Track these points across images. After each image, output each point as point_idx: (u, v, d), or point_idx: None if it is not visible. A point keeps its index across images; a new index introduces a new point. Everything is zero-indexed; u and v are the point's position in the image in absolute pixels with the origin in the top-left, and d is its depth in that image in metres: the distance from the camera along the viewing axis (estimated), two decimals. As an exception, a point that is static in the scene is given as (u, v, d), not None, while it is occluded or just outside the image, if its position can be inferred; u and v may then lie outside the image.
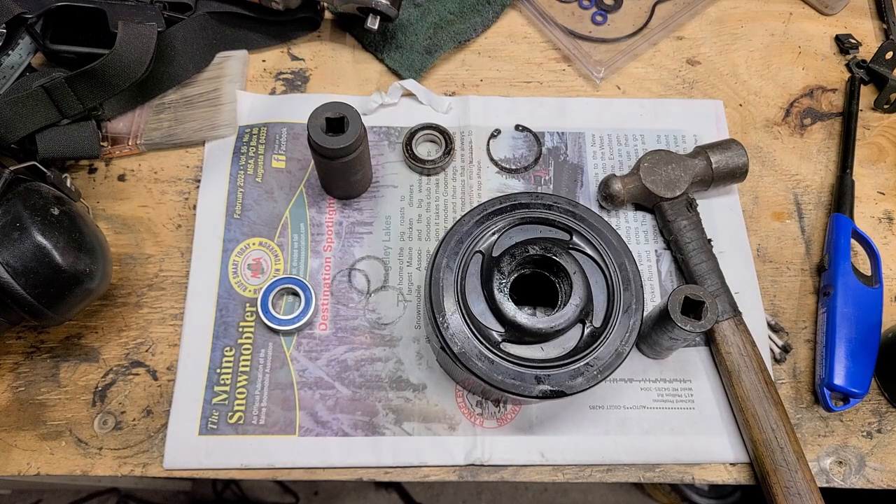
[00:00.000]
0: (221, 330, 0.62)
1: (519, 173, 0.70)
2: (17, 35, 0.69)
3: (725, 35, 0.80)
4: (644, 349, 0.63)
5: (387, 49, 0.75)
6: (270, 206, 0.67)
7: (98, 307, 0.63)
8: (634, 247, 0.67)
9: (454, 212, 0.68)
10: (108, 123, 0.70)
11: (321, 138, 0.58)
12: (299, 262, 0.65)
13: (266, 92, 0.74)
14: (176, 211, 0.68)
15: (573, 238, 0.57)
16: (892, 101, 0.76)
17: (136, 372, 0.61)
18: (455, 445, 0.59)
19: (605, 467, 0.59)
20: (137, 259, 0.65)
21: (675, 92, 0.76)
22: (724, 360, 0.60)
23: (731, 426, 0.61)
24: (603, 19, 0.79)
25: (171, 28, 0.69)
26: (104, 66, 0.61)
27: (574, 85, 0.76)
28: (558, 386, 0.52)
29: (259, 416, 0.59)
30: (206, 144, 0.70)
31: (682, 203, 0.66)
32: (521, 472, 0.59)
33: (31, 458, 0.58)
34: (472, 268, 0.56)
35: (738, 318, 0.61)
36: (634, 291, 0.55)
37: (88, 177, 0.69)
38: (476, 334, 0.53)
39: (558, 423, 0.60)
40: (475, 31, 0.77)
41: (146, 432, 0.59)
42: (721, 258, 0.65)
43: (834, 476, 0.60)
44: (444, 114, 0.72)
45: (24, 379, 0.60)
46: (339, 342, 0.62)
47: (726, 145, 0.67)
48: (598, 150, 0.72)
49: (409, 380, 0.61)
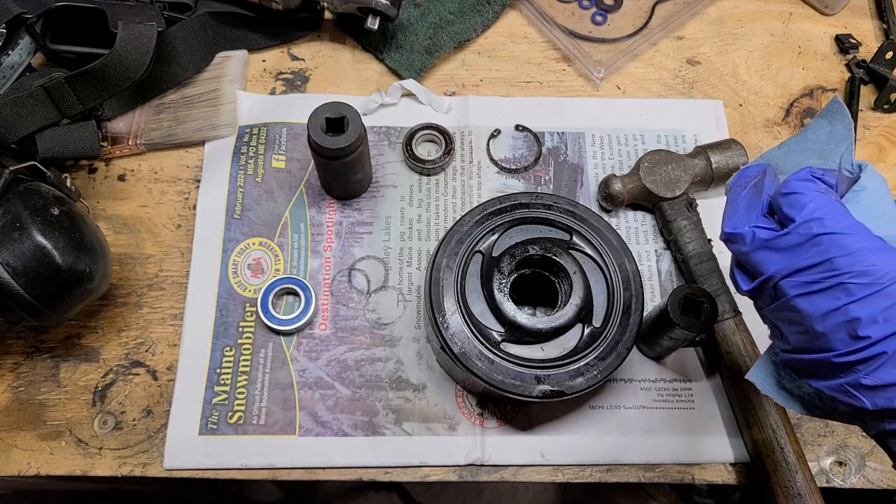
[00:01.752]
0: (221, 330, 0.62)
1: (519, 173, 0.70)
2: (17, 35, 0.69)
3: (725, 35, 0.80)
4: (644, 349, 0.63)
5: (387, 49, 0.75)
6: (270, 206, 0.67)
7: (98, 307, 0.63)
8: (634, 247, 0.67)
9: (454, 212, 0.68)
10: (108, 123, 0.70)
11: (321, 138, 0.58)
12: (299, 262, 0.65)
13: (266, 92, 0.74)
14: (176, 211, 0.68)
15: (573, 238, 0.57)
16: (892, 101, 0.76)
17: (136, 372, 0.61)
18: (455, 445, 0.59)
19: (605, 467, 0.59)
20: (137, 259, 0.65)
21: (675, 92, 0.76)
22: (724, 360, 0.60)
23: (731, 426, 0.61)
24: (603, 19, 0.79)
25: (171, 28, 0.69)
26: (104, 66, 0.61)
27: (574, 85, 0.76)
28: (558, 386, 0.52)
29: (259, 416, 0.59)
30: (206, 144, 0.70)
31: (682, 203, 0.66)
32: (521, 472, 0.59)
33: (31, 458, 0.58)
34: (472, 268, 0.56)
35: (738, 318, 0.61)
36: (634, 291, 0.55)
37: (88, 177, 0.69)
38: (476, 334, 0.53)
39: (558, 423, 0.60)
40: (475, 31, 0.77)
41: (146, 432, 0.59)
42: (721, 258, 0.65)
43: (834, 476, 0.60)
44: (444, 114, 0.72)
45: (24, 379, 0.60)
46: (339, 342, 0.62)
47: (726, 145, 0.67)
48: (598, 150, 0.72)
49: (409, 380, 0.61)
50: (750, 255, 0.38)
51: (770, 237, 0.37)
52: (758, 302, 0.40)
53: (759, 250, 0.37)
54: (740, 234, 0.38)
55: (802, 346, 0.37)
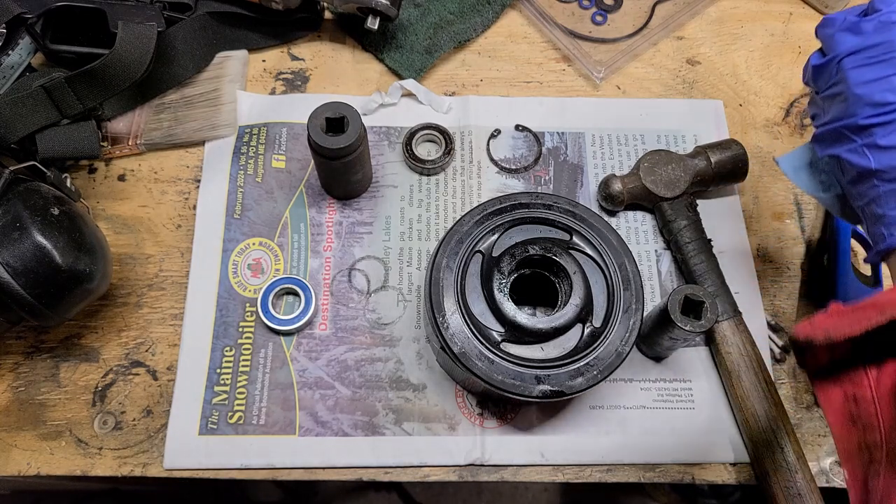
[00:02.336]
0: (221, 330, 0.62)
1: (519, 173, 0.70)
2: (17, 35, 0.69)
3: (725, 35, 0.80)
4: (644, 349, 0.63)
5: (387, 49, 0.76)
6: (270, 206, 0.67)
7: (98, 307, 0.63)
8: (634, 247, 0.67)
9: (454, 212, 0.68)
10: (108, 123, 0.70)
11: (321, 138, 0.58)
12: (299, 262, 0.65)
13: (266, 92, 0.74)
14: (176, 211, 0.68)
15: (573, 238, 0.57)
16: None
17: (136, 372, 0.61)
18: (455, 445, 0.59)
19: (605, 467, 0.59)
20: (137, 259, 0.65)
21: (675, 92, 0.76)
22: (724, 360, 0.60)
23: (731, 426, 0.61)
24: (603, 19, 0.79)
25: (171, 28, 0.69)
26: (104, 66, 0.61)
27: (574, 85, 0.76)
28: (558, 386, 0.52)
29: (259, 416, 0.59)
30: (206, 144, 0.70)
31: (682, 203, 0.66)
32: (521, 472, 0.59)
33: (31, 458, 0.58)
34: (472, 268, 0.56)
35: (738, 318, 0.61)
36: (634, 291, 0.55)
37: (88, 177, 0.69)
38: (476, 334, 0.53)
39: (558, 423, 0.60)
40: (475, 31, 0.77)
41: (146, 432, 0.59)
42: (721, 258, 0.65)
43: (834, 476, 0.60)
44: (444, 114, 0.72)
45: (24, 379, 0.60)
46: (339, 342, 0.62)
47: (726, 145, 0.67)
48: (598, 150, 0.72)
49: (409, 380, 0.61)
50: (833, 36, 0.44)
51: (855, 20, 0.43)
52: (818, 83, 0.47)
53: (841, 31, 0.44)
54: (832, 19, 0.45)
55: (837, 116, 0.44)
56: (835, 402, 0.45)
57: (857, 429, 0.44)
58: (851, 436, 0.44)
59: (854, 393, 0.44)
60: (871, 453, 0.42)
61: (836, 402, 0.44)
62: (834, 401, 0.45)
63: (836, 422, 0.44)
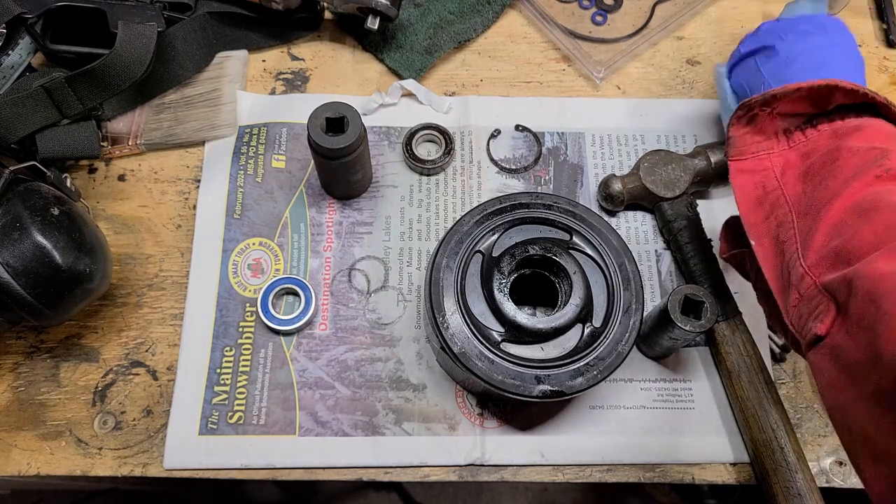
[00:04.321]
0: (221, 330, 0.62)
1: (519, 173, 0.70)
2: (17, 35, 0.69)
3: (725, 35, 0.80)
4: (644, 349, 0.63)
5: (387, 49, 0.76)
6: (270, 206, 0.67)
7: (98, 307, 0.63)
8: (634, 247, 0.67)
9: (454, 212, 0.68)
10: (108, 123, 0.70)
11: (321, 138, 0.58)
12: (299, 262, 0.65)
13: (266, 92, 0.74)
14: (176, 211, 0.68)
15: (573, 238, 0.57)
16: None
17: (136, 372, 0.61)
18: (455, 445, 0.59)
19: (605, 467, 0.59)
20: (137, 259, 0.65)
21: (675, 92, 0.76)
22: (724, 360, 0.60)
23: (731, 426, 0.61)
24: (603, 19, 0.79)
25: (171, 28, 0.69)
26: (104, 66, 0.61)
27: (574, 85, 0.76)
28: (558, 386, 0.52)
29: (259, 416, 0.59)
30: (206, 144, 0.70)
31: (682, 203, 0.66)
32: (521, 472, 0.59)
33: (31, 458, 0.58)
34: (472, 268, 0.56)
35: (738, 318, 0.61)
36: (634, 291, 0.55)
37: (88, 177, 0.69)
38: (476, 334, 0.53)
39: (558, 423, 0.60)
40: (475, 31, 0.77)
41: (146, 432, 0.59)
42: (721, 258, 0.65)
43: (834, 476, 0.60)
44: (444, 114, 0.72)
45: (24, 379, 0.60)
46: (339, 342, 0.62)
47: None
48: (598, 150, 0.72)
49: (409, 380, 0.61)
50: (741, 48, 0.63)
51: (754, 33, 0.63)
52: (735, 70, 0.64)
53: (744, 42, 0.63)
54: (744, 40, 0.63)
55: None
56: (745, 186, 0.52)
57: (764, 207, 0.51)
58: (758, 212, 0.51)
59: (763, 181, 0.52)
60: (777, 218, 0.50)
61: (746, 186, 0.52)
62: (745, 185, 0.52)
63: (745, 201, 0.52)
